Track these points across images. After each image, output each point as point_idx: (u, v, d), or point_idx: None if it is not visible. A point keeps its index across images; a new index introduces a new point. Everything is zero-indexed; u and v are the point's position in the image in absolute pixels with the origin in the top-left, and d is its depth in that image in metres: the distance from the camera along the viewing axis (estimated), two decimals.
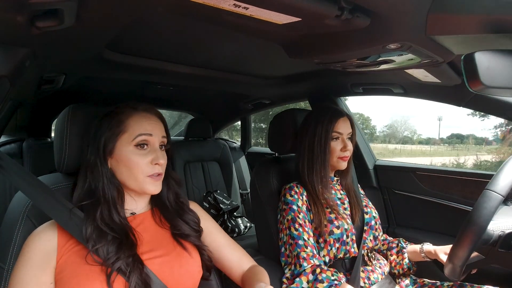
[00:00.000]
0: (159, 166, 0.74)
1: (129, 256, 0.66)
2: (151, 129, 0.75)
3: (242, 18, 0.67)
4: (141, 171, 0.73)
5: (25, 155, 1.85)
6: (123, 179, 0.74)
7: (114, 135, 0.73)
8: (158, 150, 0.76)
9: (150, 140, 0.75)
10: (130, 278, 0.64)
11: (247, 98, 2.13)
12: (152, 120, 0.77)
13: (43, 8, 0.58)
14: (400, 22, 0.66)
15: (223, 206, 2.07)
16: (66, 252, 0.66)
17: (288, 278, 1.00)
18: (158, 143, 0.76)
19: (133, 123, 0.74)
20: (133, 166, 0.72)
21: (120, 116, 0.75)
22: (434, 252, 1.04)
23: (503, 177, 0.75)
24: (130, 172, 0.73)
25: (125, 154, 0.73)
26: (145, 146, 0.74)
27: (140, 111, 0.76)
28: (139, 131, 0.73)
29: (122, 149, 0.73)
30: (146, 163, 0.73)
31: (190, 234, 0.79)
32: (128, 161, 0.72)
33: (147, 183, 0.74)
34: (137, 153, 0.73)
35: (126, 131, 0.73)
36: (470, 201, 1.33)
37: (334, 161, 1.10)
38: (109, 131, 0.73)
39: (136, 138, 0.73)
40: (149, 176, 0.73)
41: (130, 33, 0.93)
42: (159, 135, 0.76)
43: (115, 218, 0.70)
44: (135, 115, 0.75)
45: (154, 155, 0.74)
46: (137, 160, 0.73)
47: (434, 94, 1.28)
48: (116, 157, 0.73)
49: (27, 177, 0.72)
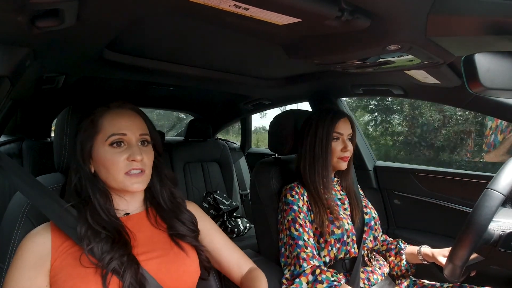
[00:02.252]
0: (136, 163, 0.72)
1: (123, 255, 0.65)
2: (125, 128, 0.73)
3: (243, 18, 0.67)
4: (118, 169, 0.71)
5: (24, 155, 1.85)
6: (105, 179, 0.74)
7: (90, 137, 0.73)
8: (135, 146, 0.73)
9: (125, 138, 0.73)
10: (124, 278, 0.63)
11: (247, 99, 2.13)
12: (126, 117, 0.75)
13: (44, 8, 0.58)
14: (400, 24, 0.66)
15: (222, 207, 2.07)
16: (61, 254, 0.66)
17: (287, 278, 1.00)
18: (135, 140, 0.74)
19: (106, 123, 0.73)
20: (110, 165, 0.71)
21: (93, 116, 0.74)
22: (432, 254, 1.04)
23: (505, 176, 0.75)
24: (108, 172, 0.72)
25: (102, 155, 0.72)
26: (121, 144, 0.73)
27: (114, 109, 0.75)
28: (112, 131, 0.72)
29: (99, 150, 0.72)
30: (123, 161, 0.72)
31: (187, 234, 0.78)
32: (105, 161, 0.72)
33: (126, 180, 0.72)
34: (112, 152, 0.72)
35: (100, 131, 0.73)
36: (469, 202, 1.33)
37: (334, 161, 1.11)
38: (85, 132, 0.73)
39: (109, 138, 0.72)
40: (127, 174, 0.72)
41: (130, 33, 0.93)
42: (135, 133, 0.74)
43: (104, 217, 0.70)
44: (107, 115, 0.74)
45: (130, 152, 0.72)
46: (113, 159, 0.71)
47: (434, 96, 1.28)
48: (95, 158, 0.73)
49: (25, 178, 0.72)
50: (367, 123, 7.95)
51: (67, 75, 1.26)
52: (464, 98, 1.16)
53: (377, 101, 7.61)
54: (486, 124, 5.27)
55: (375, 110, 7.90)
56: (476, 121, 5.98)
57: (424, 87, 1.20)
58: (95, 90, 1.80)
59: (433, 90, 1.21)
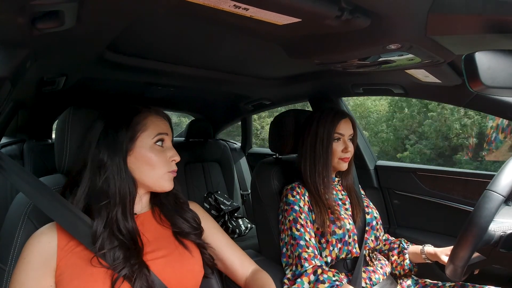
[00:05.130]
0: (175, 163, 0.78)
1: (135, 264, 0.66)
2: (166, 129, 0.79)
3: (242, 19, 0.67)
4: (162, 168, 0.75)
5: (26, 157, 1.85)
6: (141, 176, 0.75)
7: (134, 134, 0.74)
8: (172, 148, 0.79)
9: (166, 138, 0.78)
10: (135, 285, 0.64)
11: (247, 99, 2.13)
12: (164, 120, 0.81)
13: (44, 9, 0.58)
14: (401, 23, 0.66)
15: (223, 207, 2.07)
16: (67, 254, 0.66)
17: (289, 279, 1.00)
18: (170, 142, 0.80)
19: (150, 123, 0.76)
20: (155, 163, 0.75)
21: (138, 116, 0.77)
22: (435, 253, 1.03)
23: (505, 178, 0.75)
24: (151, 169, 0.75)
25: (145, 152, 0.74)
26: (162, 144, 0.77)
27: (153, 112, 0.80)
28: (158, 130, 0.76)
29: (142, 148, 0.74)
30: (166, 160, 0.76)
31: (191, 232, 0.79)
32: (149, 159, 0.74)
33: (165, 179, 0.76)
34: (158, 150, 0.76)
35: (146, 130, 0.75)
36: (471, 201, 1.33)
37: (335, 162, 1.10)
38: (128, 130, 0.74)
39: (155, 136, 0.76)
40: (170, 172, 0.77)
41: (130, 34, 0.93)
42: (170, 135, 0.81)
43: (129, 220, 0.70)
44: (151, 115, 0.78)
45: (172, 152, 0.78)
46: (158, 157, 0.75)
47: (435, 94, 1.28)
48: (135, 155, 0.74)
49: (28, 178, 0.72)
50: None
51: (67, 76, 1.26)
52: (465, 96, 1.16)
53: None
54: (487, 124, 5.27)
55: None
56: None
57: (425, 86, 1.19)
58: (96, 91, 1.80)
59: (434, 89, 1.21)
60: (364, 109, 13.58)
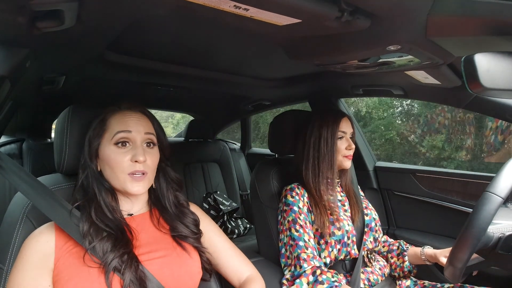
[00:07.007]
0: (139, 164, 0.72)
1: (124, 254, 0.66)
2: (131, 126, 0.74)
3: (243, 19, 0.67)
4: (121, 170, 0.71)
5: (24, 156, 1.85)
6: (109, 179, 0.74)
7: (98, 135, 0.74)
8: (139, 147, 0.73)
9: (130, 137, 0.73)
10: (124, 275, 0.64)
11: (247, 100, 2.13)
12: (134, 117, 0.75)
13: (44, 9, 0.58)
14: (400, 24, 0.66)
15: (222, 207, 2.07)
16: (64, 254, 0.66)
17: (288, 279, 0.99)
18: (140, 140, 0.74)
19: (114, 122, 0.74)
20: (114, 165, 0.72)
21: (103, 115, 0.76)
22: (435, 255, 1.03)
23: (503, 179, 0.75)
24: (112, 171, 0.72)
25: (107, 153, 0.73)
26: (126, 144, 0.73)
27: (123, 110, 0.77)
28: (118, 129, 0.73)
29: (105, 149, 0.73)
30: (126, 161, 0.72)
31: (189, 236, 0.78)
32: (110, 160, 0.72)
33: (127, 182, 0.72)
34: (117, 151, 0.72)
35: (107, 129, 0.74)
36: (470, 202, 1.33)
37: (340, 160, 1.11)
38: (93, 131, 0.74)
39: (115, 135, 0.72)
40: (129, 175, 0.72)
41: (130, 34, 0.93)
42: (141, 132, 0.74)
43: (109, 215, 0.71)
44: (117, 114, 0.75)
45: (134, 152, 0.72)
46: (117, 158, 0.71)
47: (434, 96, 1.28)
48: (101, 157, 0.74)
49: (26, 178, 0.72)
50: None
51: (67, 76, 1.26)
52: (464, 98, 1.16)
53: None
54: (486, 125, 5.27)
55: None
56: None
57: (424, 87, 1.20)
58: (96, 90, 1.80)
59: (433, 91, 1.21)
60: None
